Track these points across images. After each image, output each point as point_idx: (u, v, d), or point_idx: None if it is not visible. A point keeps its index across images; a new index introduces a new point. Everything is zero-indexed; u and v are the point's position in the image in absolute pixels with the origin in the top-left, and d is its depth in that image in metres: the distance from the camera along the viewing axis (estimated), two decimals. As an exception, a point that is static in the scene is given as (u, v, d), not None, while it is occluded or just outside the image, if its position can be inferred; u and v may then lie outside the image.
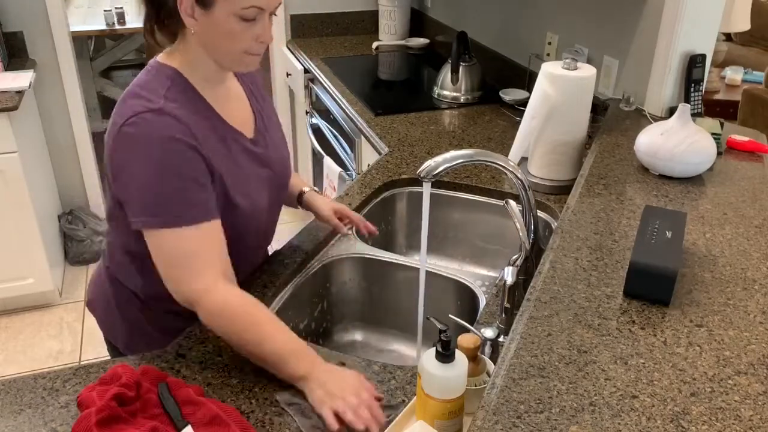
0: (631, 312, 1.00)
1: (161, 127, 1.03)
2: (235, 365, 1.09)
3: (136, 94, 1.07)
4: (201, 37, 1.08)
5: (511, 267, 1.13)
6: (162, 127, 1.03)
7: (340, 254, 1.50)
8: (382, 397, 1.02)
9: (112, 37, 4.91)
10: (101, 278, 1.30)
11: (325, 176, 2.56)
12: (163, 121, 1.04)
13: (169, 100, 1.06)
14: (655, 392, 0.84)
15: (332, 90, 2.54)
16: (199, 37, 1.08)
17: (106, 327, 1.33)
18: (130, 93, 1.09)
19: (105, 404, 0.90)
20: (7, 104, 2.46)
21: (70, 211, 3.26)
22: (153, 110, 1.04)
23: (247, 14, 1.04)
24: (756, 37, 4.47)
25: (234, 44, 1.07)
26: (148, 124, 1.03)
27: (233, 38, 1.06)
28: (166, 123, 1.04)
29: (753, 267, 1.12)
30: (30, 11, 2.92)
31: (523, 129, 1.68)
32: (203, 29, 1.06)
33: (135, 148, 1.04)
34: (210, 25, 1.05)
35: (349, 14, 3.38)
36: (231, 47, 1.07)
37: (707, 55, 1.75)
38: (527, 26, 2.39)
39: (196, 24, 1.06)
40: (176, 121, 1.05)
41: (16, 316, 2.88)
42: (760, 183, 1.44)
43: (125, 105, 1.07)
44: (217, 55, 1.10)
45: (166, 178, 1.03)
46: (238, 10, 1.03)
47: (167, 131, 1.04)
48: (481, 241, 1.76)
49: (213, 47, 1.09)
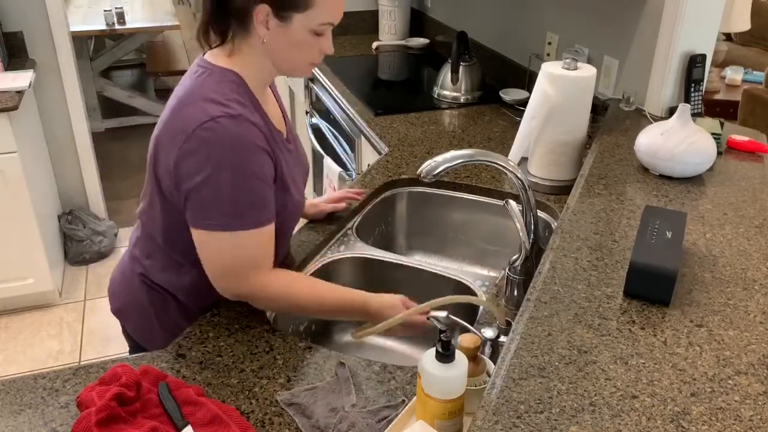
0: (631, 312, 1.00)
1: (243, 133, 1.06)
2: (235, 365, 1.09)
3: (206, 97, 1.07)
4: (270, 46, 1.10)
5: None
6: (242, 133, 1.06)
7: (340, 254, 1.50)
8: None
9: (112, 37, 4.91)
10: (132, 284, 1.27)
11: (325, 176, 2.56)
12: (242, 127, 1.06)
13: (242, 106, 1.08)
14: (655, 392, 0.84)
15: (332, 90, 2.54)
16: (267, 46, 1.10)
17: (141, 333, 1.30)
18: (194, 94, 1.08)
19: (105, 404, 0.90)
20: (7, 104, 2.46)
21: (70, 211, 3.26)
22: (232, 116, 1.05)
23: (321, 29, 1.09)
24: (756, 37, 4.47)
25: (303, 55, 1.12)
26: (226, 129, 1.04)
27: (303, 50, 1.11)
28: (246, 129, 1.06)
29: (753, 267, 1.12)
30: (30, 11, 2.92)
31: (523, 129, 1.68)
32: (274, 39, 1.09)
33: (215, 152, 1.04)
34: (282, 37, 1.09)
35: (349, 14, 3.38)
36: (300, 58, 1.12)
37: (707, 55, 1.75)
38: (527, 26, 2.39)
39: (268, 34, 1.08)
40: (255, 127, 1.08)
41: (16, 316, 2.88)
42: (760, 183, 1.44)
43: (196, 107, 1.06)
44: (281, 63, 1.13)
45: (249, 183, 1.07)
46: (315, 25, 1.08)
47: (248, 138, 1.06)
48: (482, 242, 1.76)
49: (280, 56, 1.12)
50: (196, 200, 1.07)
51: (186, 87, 1.11)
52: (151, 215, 1.20)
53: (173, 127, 1.07)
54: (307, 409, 1.00)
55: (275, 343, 1.14)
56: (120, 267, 1.33)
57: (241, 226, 1.08)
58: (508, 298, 1.30)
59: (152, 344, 1.26)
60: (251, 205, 1.08)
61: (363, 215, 1.65)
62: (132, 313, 1.29)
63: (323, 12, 1.08)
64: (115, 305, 1.32)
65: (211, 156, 1.04)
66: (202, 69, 1.12)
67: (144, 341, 1.29)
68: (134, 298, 1.27)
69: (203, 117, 1.04)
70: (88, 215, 3.28)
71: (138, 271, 1.26)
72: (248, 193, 1.08)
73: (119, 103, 4.74)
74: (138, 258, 1.26)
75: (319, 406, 1.00)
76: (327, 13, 1.09)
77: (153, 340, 1.26)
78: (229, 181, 1.05)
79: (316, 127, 2.78)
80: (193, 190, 1.07)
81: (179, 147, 1.06)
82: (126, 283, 1.29)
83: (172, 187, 1.10)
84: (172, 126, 1.08)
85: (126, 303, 1.30)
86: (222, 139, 1.04)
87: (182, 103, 1.08)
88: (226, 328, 1.18)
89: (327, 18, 1.09)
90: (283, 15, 1.06)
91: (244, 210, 1.08)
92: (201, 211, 1.08)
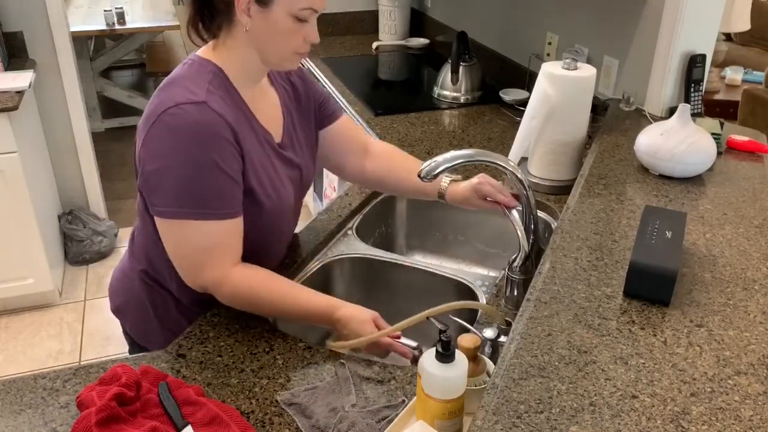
0: (631, 312, 1.00)
1: (203, 120, 1.05)
2: (235, 365, 1.09)
3: (178, 84, 1.08)
4: (253, 35, 1.09)
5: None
6: (204, 121, 1.05)
7: (340, 254, 1.50)
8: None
9: (112, 37, 4.91)
10: (132, 282, 1.27)
11: (325, 176, 2.56)
12: (205, 114, 1.05)
13: (211, 94, 1.07)
14: (655, 392, 0.84)
15: (332, 90, 2.54)
16: (250, 35, 1.09)
17: (140, 332, 1.30)
18: (171, 83, 1.09)
19: (105, 404, 0.90)
20: (7, 104, 2.46)
21: (70, 211, 3.26)
22: (196, 102, 1.05)
23: (302, 15, 1.07)
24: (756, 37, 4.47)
25: (287, 43, 1.10)
26: (189, 115, 1.04)
27: (286, 37, 1.09)
28: (209, 117, 1.05)
29: (753, 267, 1.12)
30: (30, 11, 2.92)
31: (523, 129, 1.68)
32: (257, 27, 1.08)
33: (175, 137, 1.04)
34: (265, 24, 1.08)
35: (349, 14, 3.38)
36: (283, 46, 1.11)
37: (707, 55, 1.75)
38: (527, 26, 2.39)
39: (250, 22, 1.08)
40: (218, 116, 1.06)
41: (16, 316, 2.88)
42: (760, 183, 1.44)
43: (165, 93, 1.07)
44: (266, 53, 1.12)
45: (205, 172, 1.05)
46: (295, 10, 1.06)
47: (209, 125, 1.05)
48: (481, 245, 1.76)
49: (264, 45, 1.11)
50: (152, 185, 1.08)
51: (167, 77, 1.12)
52: (141, 210, 1.20)
53: (146, 114, 1.09)
54: (307, 409, 1.00)
55: (275, 343, 1.14)
56: (120, 265, 1.33)
57: (196, 216, 1.07)
58: (508, 298, 1.30)
59: (151, 343, 1.26)
60: (208, 195, 1.07)
61: (363, 215, 1.65)
62: (131, 311, 1.29)
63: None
64: (115, 303, 1.33)
65: (170, 141, 1.04)
66: (188, 61, 1.14)
67: (143, 340, 1.29)
68: (134, 296, 1.27)
69: (168, 102, 1.05)
70: (88, 215, 3.28)
71: (138, 268, 1.26)
72: (204, 183, 1.06)
73: (119, 103, 4.73)
74: (137, 255, 1.26)
75: (319, 406, 1.00)
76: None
77: (152, 339, 1.27)
78: (186, 169, 1.05)
79: (316, 127, 2.77)
80: (150, 175, 1.07)
81: (146, 132, 1.07)
82: (126, 281, 1.29)
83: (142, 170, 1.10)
84: (145, 113, 1.09)
85: (125, 301, 1.30)
86: (182, 124, 1.04)
87: (157, 93, 1.09)
88: (226, 328, 1.18)
89: (310, 2, 1.07)
90: (264, 0, 1.06)
91: (200, 199, 1.06)
92: (156, 197, 1.08)
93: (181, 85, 1.08)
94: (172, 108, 1.04)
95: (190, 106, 1.04)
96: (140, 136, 1.09)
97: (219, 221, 1.09)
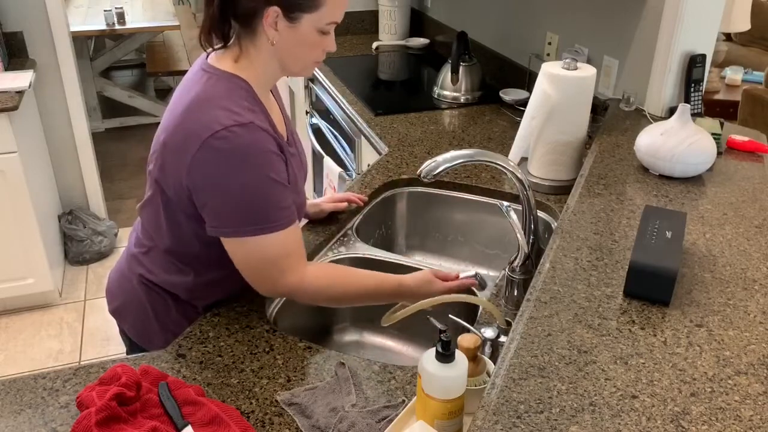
0: (631, 312, 1.00)
1: (254, 141, 1.07)
2: (235, 365, 1.09)
3: (215, 104, 1.07)
4: (279, 47, 1.12)
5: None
6: (254, 141, 1.07)
7: (340, 254, 1.50)
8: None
9: (112, 37, 4.91)
10: (131, 284, 1.27)
11: (325, 176, 2.56)
12: (254, 134, 1.07)
13: (252, 112, 1.09)
14: (655, 392, 0.84)
15: (332, 90, 2.54)
16: (276, 48, 1.11)
17: (139, 333, 1.30)
18: (205, 103, 1.08)
19: (105, 404, 0.90)
20: (7, 104, 2.46)
21: (70, 211, 3.27)
22: (243, 124, 1.06)
23: (326, 28, 1.11)
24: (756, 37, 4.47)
25: (310, 54, 1.14)
26: (239, 138, 1.05)
27: (310, 49, 1.13)
28: (258, 136, 1.07)
29: (753, 267, 1.12)
30: (30, 11, 2.92)
31: (523, 129, 1.68)
32: (283, 40, 1.11)
33: (228, 162, 1.05)
34: (291, 38, 1.10)
35: (349, 14, 3.38)
36: (307, 57, 1.15)
37: (707, 55, 1.75)
38: (527, 26, 2.39)
39: (277, 35, 1.09)
40: (265, 132, 1.09)
41: (16, 316, 2.88)
42: (760, 183, 1.44)
43: (203, 115, 1.06)
44: (289, 64, 1.15)
45: (263, 189, 1.08)
46: (322, 25, 1.10)
47: (261, 145, 1.08)
48: (481, 246, 1.76)
49: (288, 57, 1.14)
50: (215, 209, 1.09)
51: (194, 93, 1.10)
52: (151, 216, 1.20)
53: (184, 133, 1.07)
54: (307, 409, 1.00)
55: (275, 343, 1.14)
56: (118, 267, 1.33)
57: (264, 230, 1.10)
58: (508, 298, 1.30)
59: (150, 344, 1.26)
60: (271, 209, 1.10)
61: (363, 215, 1.65)
62: (130, 312, 1.29)
63: (331, 11, 1.10)
64: (113, 305, 1.32)
65: (225, 167, 1.05)
66: (209, 74, 1.12)
67: (142, 341, 1.29)
68: (133, 297, 1.27)
69: (215, 126, 1.04)
70: (88, 215, 3.28)
71: (137, 271, 1.26)
72: (266, 197, 1.09)
73: (119, 103, 4.74)
74: (137, 258, 1.26)
75: (319, 406, 1.00)
76: (334, 12, 1.11)
77: (151, 340, 1.26)
78: (246, 189, 1.07)
79: (316, 127, 2.78)
80: (210, 200, 1.08)
81: (192, 156, 1.06)
82: (124, 283, 1.29)
83: (182, 194, 1.10)
84: (183, 132, 1.07)
85: (124, 303, 1.29)
86: (236, 148, 1.05)
87: (191, 110, 1.08)
88: (226, 328, 1.18)
89: (334, 17, 1.11)
90: (292, 16, 1.07)
91: (265, 214, 1.09)
92: (221, 220, 1.10)
93: (220, 106, 1.07)
94: (221, 131, 1.04)
95: (238, 128, 1.05)
96: (180, 158, 1.07)
97: (285, 230, 1.12)
